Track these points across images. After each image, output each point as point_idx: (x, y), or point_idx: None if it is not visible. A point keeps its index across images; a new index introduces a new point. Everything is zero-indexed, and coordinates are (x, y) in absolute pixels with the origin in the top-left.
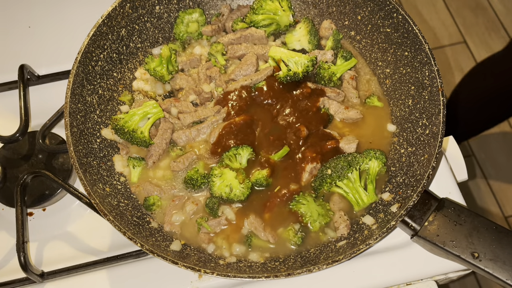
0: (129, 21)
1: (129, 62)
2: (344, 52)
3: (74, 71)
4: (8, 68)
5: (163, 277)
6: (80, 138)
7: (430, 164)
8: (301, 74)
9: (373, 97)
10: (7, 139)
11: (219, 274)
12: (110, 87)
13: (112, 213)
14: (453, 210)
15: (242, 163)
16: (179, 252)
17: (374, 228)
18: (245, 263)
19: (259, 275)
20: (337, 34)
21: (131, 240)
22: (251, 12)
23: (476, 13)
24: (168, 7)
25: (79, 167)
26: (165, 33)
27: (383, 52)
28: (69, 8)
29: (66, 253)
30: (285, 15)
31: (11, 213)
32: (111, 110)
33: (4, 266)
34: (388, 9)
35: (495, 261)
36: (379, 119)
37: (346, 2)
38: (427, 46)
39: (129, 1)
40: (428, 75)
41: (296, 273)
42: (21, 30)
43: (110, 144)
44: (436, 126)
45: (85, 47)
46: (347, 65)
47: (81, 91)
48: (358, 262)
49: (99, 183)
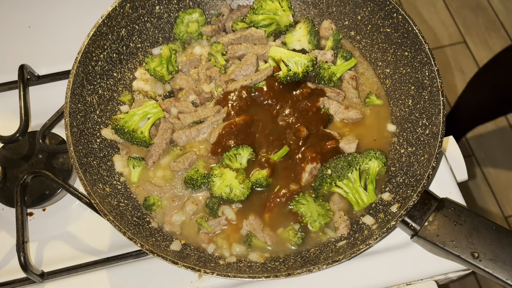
0: (129, 21)
1: (129, 62)
2: (344, 52)
3: (74, 71)
4: (8, 68)
5: (163, 277)
6: (80, 138)
7: (430, 164)
8: (301, 74)
9: (372, 95)
10: (7, 139)
11: (219, 274)
12: (110, 87)
13: (112, 213)
14: (453, 210)
15: (243, 163)
16: (179, 252)
17: (374, 228)
18: (245, 263)
19: (259, 275)
20: (337, 34)
21: (131, 240)
22: (251, 12)
23: (476, 13)
24: (168, 7)
25: (79, 167)
26: (165, 33)
27: (383, 52)
28: (69, 8)
29: (66, 253)
30: (285, 15)
31: (11, 213)
32: (111, 110)
33: (4, 266)
34: (388, 9)
35: (495, 261)
36: (379, 119)
37: (346, 2)
38: (427, 46)
39: (129, 1)
40: (428, 75)
41: (296, 273)
42: (21, 30)
43: (110, 144)
44: (436, 126)
45: (85, 47)
46: (347, 65)
47: (81, 91)
48: (358, 262)
49: (99, 183)
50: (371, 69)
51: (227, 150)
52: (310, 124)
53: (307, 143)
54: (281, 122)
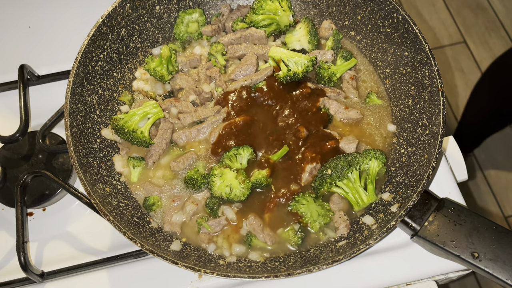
0: (129, 21)
1: (129, 62)
2: (344, 52)
3: (74, 71)
4: (8, 68)
5: (163, 277)
6: (80, 138)
7: (430, 164)
8: (301, 74)
9: (372, 95)
10: (7, 139)
11: (219, 274)
12: (110, 87)
13: (112, 213)
14: (453, 210)
15: (243, 163)
16: (179, 252)
17: (374, 228)
18: (245, 263)
19: (259, 275)
20: (337, 34)
21: (131, 240)
22: (251, 12)
23: (476, 13)
24: (168, 7)
25: (79, 167)
26: (165, 33)
27: (383, 52)
28: (69, 8)
29: (66, 253)
30: (285, 15)
31: (11, 213)
32: (111, 110)
33: (4, 266)
34: (388, 9)
35: (495, 261)
36: (379, 119)
37: (346, 2)
38: (427, 46)
39: (129, 1)
40: (428, 75)
41: (296, 273)
42: (21, 30)
43: (110, 144)
44: (436, 126)
45: (85, 47)
46: (347, 65)
47: (81, 91)
48: (358, 262)
49: (99, 183)
50: (371, 69)
51: (227, 150)
52: (310, 124)
53: (307, 143)
54: (281, 123)
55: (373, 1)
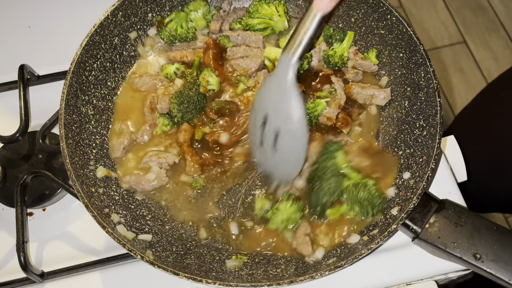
0: (121, 30)
1: (122, 71)
2: (336, 35)
3: (68, 82)
4: (8, 68)
5: (163, 277)
6: (76, 149)
7: (429, 166)
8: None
9: (371, 52)
10: (7, 139)
11: (221, 284)
12: (104, 97)
13: (111, 225)
14: (453, 212)
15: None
16: (180, 262)
17: (375, 232)
18: (247, 271)
19: (261, 284)
20: (327, 30)
21: (131, 252)
22: (247, 15)
23: (476, 13)
24: (161, 15)
25: (76, 179)
26: None
27: (378, 54)
28: (69, 8)
29: (66, 253)
30: (281, 20)
31: (11, 213)
32: (106, 120)
33: (4, 266)
34: (382, 11)
35: (497, 262)
36: (376, 122)
37: (340, 4)
38: (422, 47)
39: (121, 9)
40: (424, 76)
41: (298, 280)
42: (21, 30)
43: (107, 155)
44: (433, 127)
45: (78, 57)
46: (349, 40)
47: (75, 101)
48: (358, 262)
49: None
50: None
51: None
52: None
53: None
54: None
55: (366, 3)
